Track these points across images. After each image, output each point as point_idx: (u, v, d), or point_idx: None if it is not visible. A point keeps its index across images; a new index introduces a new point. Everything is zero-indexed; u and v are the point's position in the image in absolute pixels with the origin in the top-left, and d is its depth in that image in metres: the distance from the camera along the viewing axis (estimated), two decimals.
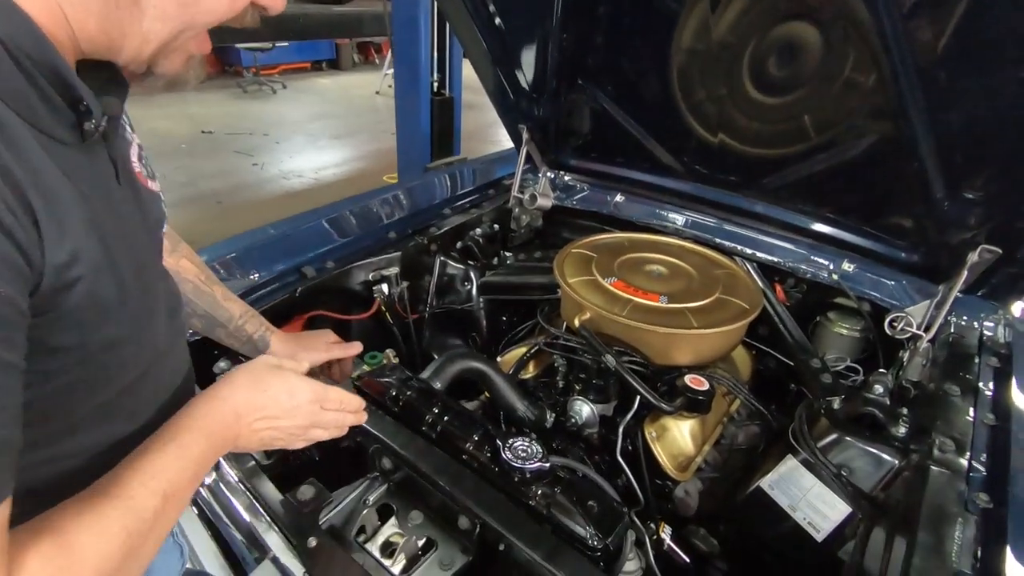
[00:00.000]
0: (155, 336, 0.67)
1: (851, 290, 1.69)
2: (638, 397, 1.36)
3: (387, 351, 1.43)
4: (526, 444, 0.98)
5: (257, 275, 1.48)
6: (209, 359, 1.24)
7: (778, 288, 1.79)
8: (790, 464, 1.31)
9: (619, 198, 2.12)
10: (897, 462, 1.17)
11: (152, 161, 0.84)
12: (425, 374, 1.23)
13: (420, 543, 0.94)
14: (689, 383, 1.37)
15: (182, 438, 0.65)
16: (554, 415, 1.41)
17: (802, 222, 1.72)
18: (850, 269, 1.74)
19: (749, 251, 1.85)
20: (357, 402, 0.91)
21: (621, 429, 1.37)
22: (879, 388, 1.25)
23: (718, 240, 1.85)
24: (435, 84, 4.01)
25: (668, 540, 1.43)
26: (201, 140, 6.81)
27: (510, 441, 0.98)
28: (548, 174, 2.16)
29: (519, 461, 0.95)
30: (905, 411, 1.27)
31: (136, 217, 0.68)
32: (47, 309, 0.49)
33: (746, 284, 1.58)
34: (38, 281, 0.47)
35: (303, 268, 1.54)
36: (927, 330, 1.42)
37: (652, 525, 1.42)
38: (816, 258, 1.77)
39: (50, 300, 0.49)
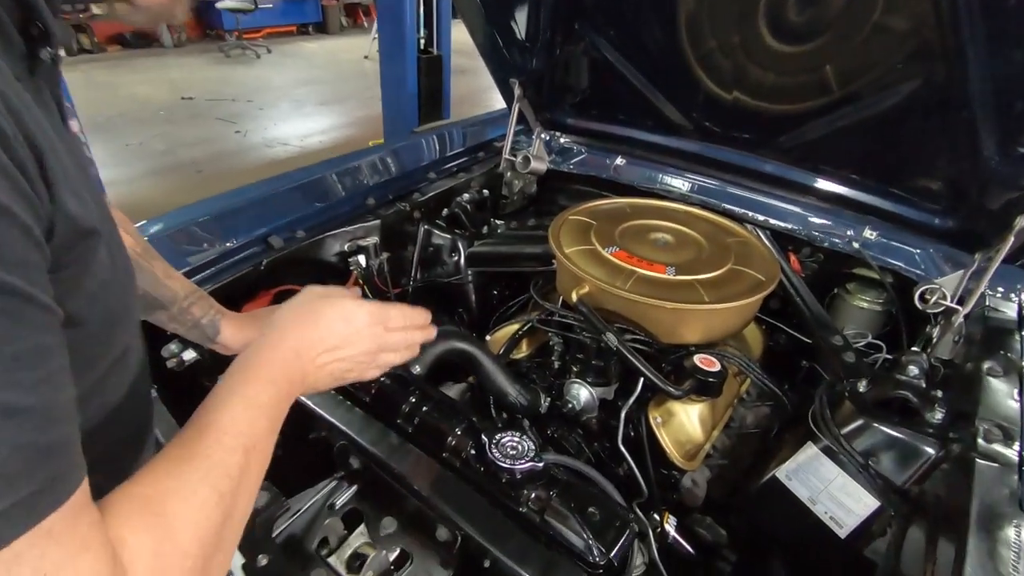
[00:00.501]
0: (135, 304, 0.64)
1: (873, 260, 1.55)
2: (642, 380, 1.23)
3: None
4: (516, 440, 0.84)
5: (217, 247, 1.32)
6: (156, 342, 1.09)
7: (792, 258, 1.65)
8: (810, 452, 1.18)
9: (619, 161, 1.96)
10: (934, 452, 1.04)
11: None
12: None
13: (393, 556, 0.81)
14: (699, 364, 1.23)
15: (245, 390, 0.61)
16: (549, 399, 1.27)
17: (822, 184, 1.57)
18: (872, 236, 1.59)
19: (761, 217, 1.70)
20: (422, 316, 0.84)
21: (623, 414, 1.24)
22: (913, 369, 1.11)
23: (727, 206, 1.70)
24: (422, 41, 3.74)
25: (673, 532, 1.32)
26: (181, 106, 6.52)
27: (497, 436, 0.84)
28: (543, 135, 1.99)
29: (507, 460, 0.81)
30: (940, 394, 1.14)
31: (85, 169, 0.55)
32: (64, 264, 0.45)
33: (761, 254, 1.43)
34: (51, 224, 0.42)
35: (269, 238, 1.38)
36: (962, 303, 1.28)
37: (656, 516, 1.31)
38: (835, 225, 1.62)
39: (66, 251, 0.45)
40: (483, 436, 0.85)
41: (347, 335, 0.73)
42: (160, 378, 1.08)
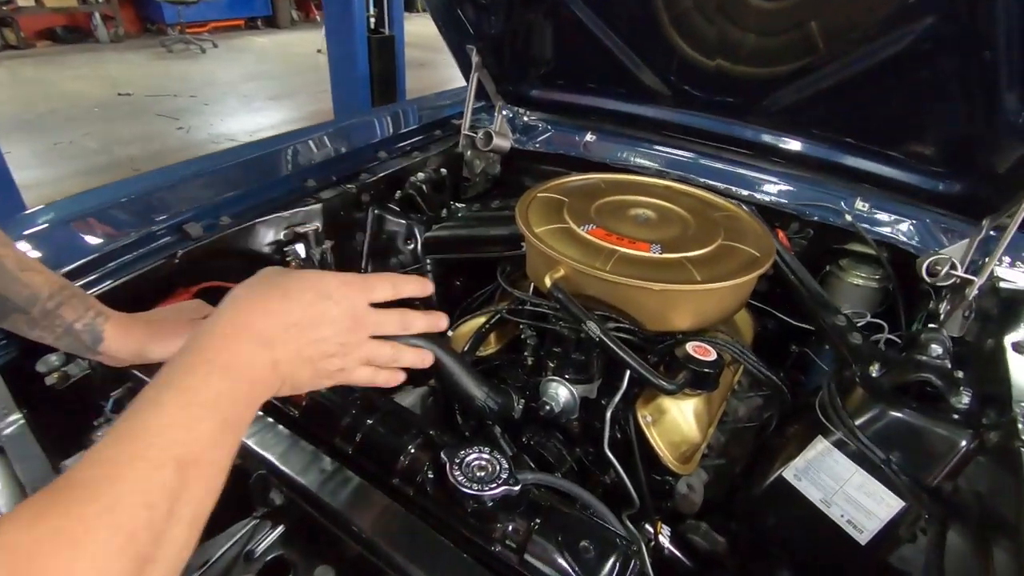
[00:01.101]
0: None
1: (867, 233, 1.43)
2: (628, 374, 1.07)
3: None
4: (485, 458, 0.66)
5: (121, 237, 1.10)
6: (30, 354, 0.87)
7: (780, 234, 1.51)
8: (820, 447, 1.04)
9: (590, 137, 1.79)
10: (966, 443, 0.90)
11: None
12: None
13: None
14: (693, 353, 1.08)
15: (182, 383, 0.48)
16: (523, 401, 1.10)
17: (810, 150, 1.44)
18: (864, 208, 1.47)
19: (745, 192, 1.56)
20: (414, 283, 0.70)
21: (608, 414, 1.08)
22: (936, 348, 0.98)
23: (707, 181, 1.55)
24: (371, 20, 3.48)
25: (667, 544, 1.17)
26: (118, 103, 6.09)
27: (462, 454, 0.66)
28: (505, 111, 1.81)
29: (475, 484, 0.63)
30: (961, 375, 1.01)
31: None
32: None
33: (753, 228, 1.29)
34: None
35: (186, 226, 1.16)
36: (976, 274, 1.16)
37: (648, 527, 1.15)
38: (825, 197, 1.50)
39: None
40: (443, 455, 0.67)
41: (323, 311, 0.58)
42: (35, 399, 0.86)
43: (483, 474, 0.65)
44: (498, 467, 0.66)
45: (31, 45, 7.81)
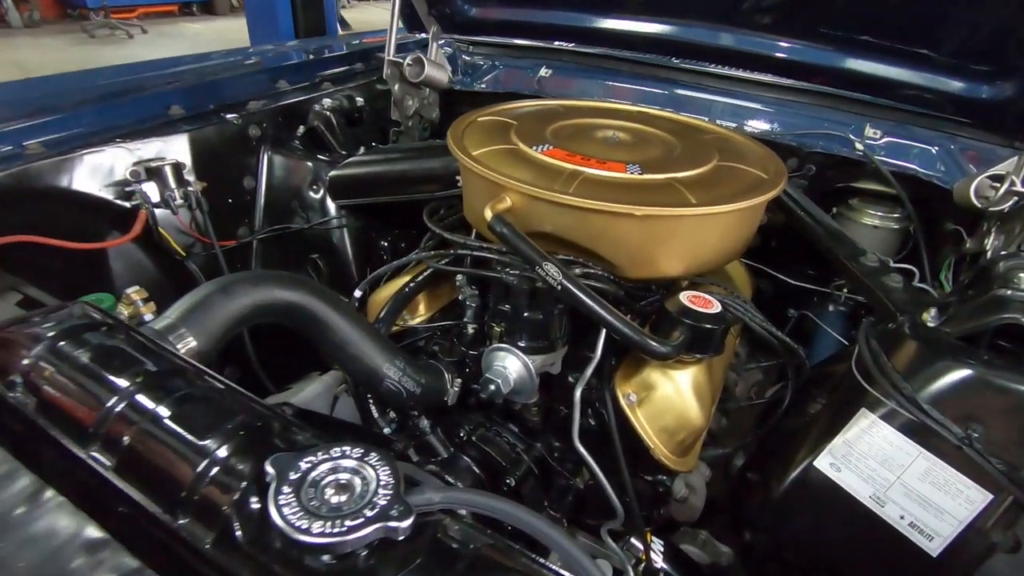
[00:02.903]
0: None
1: (882, 165, 1.17)
2: (602, 337, 0.77)
3: (129, 290, 0.74)
4: (349, 469, 0.34)
5: None
6: None
7: None
8: (864, 423, 0.77)
9: (544, 72, 1.50)
10: None
11: None
12: (160, 322, 0.56)
13: None
14: (690, 304, 0.79)
15: None
16: (459, 381, 0.78)
17: (812, 57, 1.17)
18: (876, 136, 1.21)
19: (732, 124, 1.28)
20: None
21: (578, 394, 0.77)
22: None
23: (686, 115, 1.27)
24: None
25: (660, 561, 0.88)
26: None
27: (304, 465, 0.34)
28: (441, 40, 1.49)
29: (317, 523, 0.31)
30: None
31: None
32: None
33: (753, 150, 1.00)
34: None
35: None
36: None
37: (636, 543, 0.86)
38: (828, 124, 1.24)
39: None
40: (267, 466, 0.35)
41: None
42: None
43: (342, 499, 0.34)
44: (373, 484, 0.34)
45: None
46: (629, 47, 1.31)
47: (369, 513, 0.33)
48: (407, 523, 0.33)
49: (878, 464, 0.75)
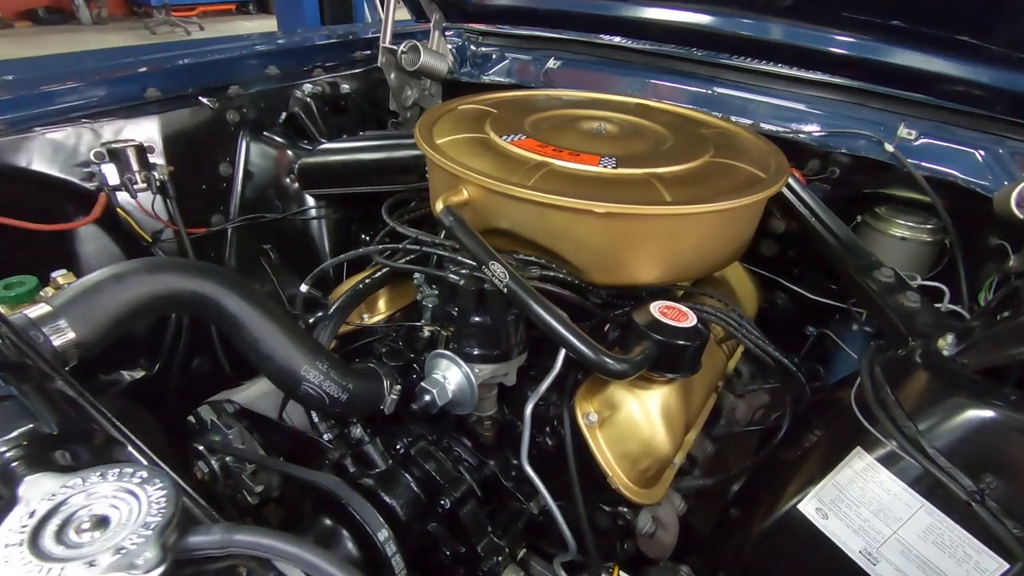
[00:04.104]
0: None
1: (915, 169, 1.03)
2: (562, 349, 0.68)
3: (57, 275, 0.70)
4: (108, 505, 0.28)
5: None
6: None
7: (796, 173, 1.12)
8: (859, 466, 0.66)
9: (552, 63, 1.42)
10: None
11: None
12: (37, 311, 0.51)
13: None
14: (659, 316, 0.69)
15: None
16: (398, 387, 0.71)
17: (843, 47, 1.05)
18: (910, 136, 1.08)
19: (748, 122, 1.17)
20: None
21: (529, 410, 0.69)
22: None
23: (693, 109, 1.16)
24: None
25: None
26: None
27: (60, 496, 0.28)
28: (444, 26, 1.43)
29: (51, 566, 0.25)
30: None
31: None
32: None
33: (756, 146, 0.90)
34: None
35: None
36: None
37: None
38: (856, 124, 1.11)
39: None
40: (21, 492, 0.29)
41: None
42: None
43: (94, 535, 0.27)
44: (135, 518, 0.28)
45: (9, 25, 7.52)
46: (640, 36, 1.21)
47: (105, 559, 0.26)
48: (155, 572, 0.26)
49: (872, 514, 0.64)
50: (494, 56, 1.55)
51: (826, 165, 1.15)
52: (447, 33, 1.53)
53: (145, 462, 0.36)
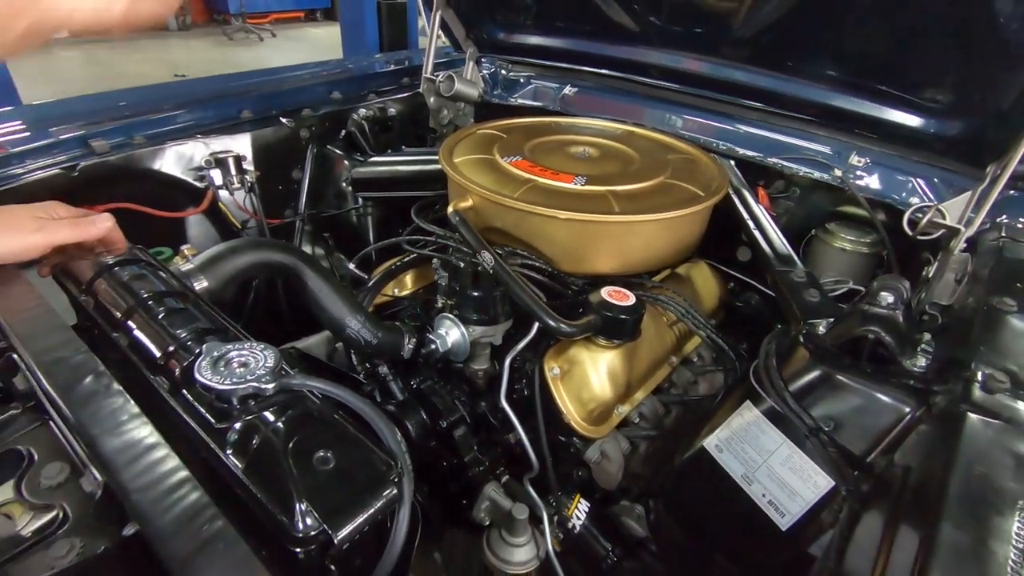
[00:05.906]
0: None
1: (859, 192, 1.23)
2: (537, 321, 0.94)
3: (184, 247, 1.01)
4: (251, 353, 0.56)
5: (20, 142, 1.07)
6: None
7: (762, 192, 1.33)
8: (748, 416, 0.88)
9: (569, 90, 1.67)
10: (910, 410, 0.73)
11: None
12: (186, 266, 0.81)
13: (48, 518, 0.54)
14: (607, 297, 0.94)
15: None
16: (414, 340, 0.98)
17: (793, 90, 1.25)
18: (860, 163, 1.27)
19: (724, 145, 1.39)
20: None
21: (507, 361, 0.95)
22: (887, 297, 0.80)
23: (688, 134, 1.39)
24: None
25: (582, 521, 1.03)
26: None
27: (225, 348, 0.56)
28: (485, 61, 1.71)
29: (217, 378, 0.53)
30: (928, 337, 0.82)
31: None
32: None
33: (708, 169, 1.13)
34: None
35: (91, 140, 1.12)
36: (967, 225, 0.96)
37: (562, 500, 1.01)
38: (815, 152, 1.31)
39: None
40: (203, 346, 0.57)
41: None
42: None
43: (241, 370, 0.55)
44: (260, 362, 0.55)
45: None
46: (638, 73, 1.45)
47: (249, 377, 0.54)
48: (270, 387, 0.53)
49: (751, 449, 0.86)
50: (521, 81, 1.81)
51: (789, 185, 1.35)
52: (483, 60, 1.80)
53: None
